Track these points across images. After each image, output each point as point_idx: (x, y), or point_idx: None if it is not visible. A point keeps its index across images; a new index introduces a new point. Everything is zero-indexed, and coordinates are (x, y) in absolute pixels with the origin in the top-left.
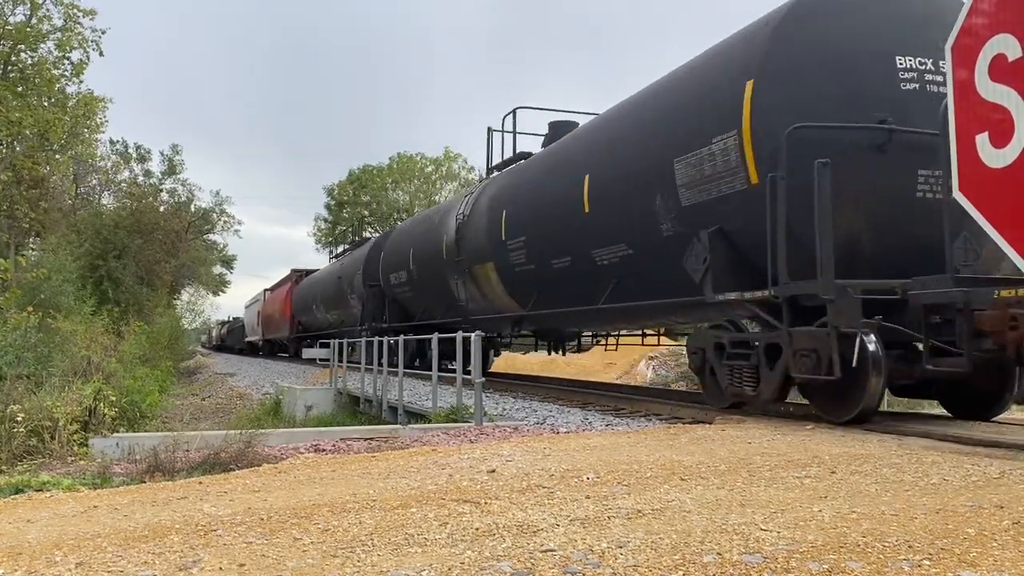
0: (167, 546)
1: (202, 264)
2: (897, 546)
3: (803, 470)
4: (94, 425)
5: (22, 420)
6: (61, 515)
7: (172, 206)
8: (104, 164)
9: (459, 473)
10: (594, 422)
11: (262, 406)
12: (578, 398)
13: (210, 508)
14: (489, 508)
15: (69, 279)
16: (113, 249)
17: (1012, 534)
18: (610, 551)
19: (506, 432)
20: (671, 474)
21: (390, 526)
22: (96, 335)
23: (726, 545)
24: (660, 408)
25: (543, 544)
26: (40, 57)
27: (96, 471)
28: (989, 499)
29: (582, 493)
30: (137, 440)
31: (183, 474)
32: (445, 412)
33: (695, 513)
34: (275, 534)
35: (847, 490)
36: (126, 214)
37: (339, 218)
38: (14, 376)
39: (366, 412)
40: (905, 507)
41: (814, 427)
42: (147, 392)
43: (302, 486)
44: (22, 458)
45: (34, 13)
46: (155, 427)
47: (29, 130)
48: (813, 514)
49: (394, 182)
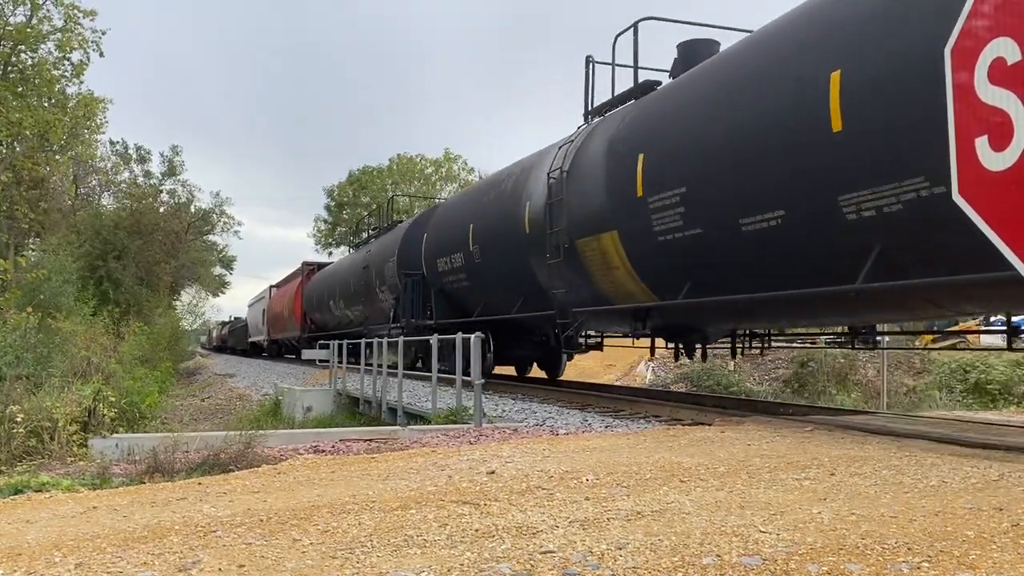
0: (166, 547)
1: (202, 265)
2: (896, 548)
3: (802, 472)
4: (93, 426)
5: (21, 420)
6: (60, 516)
7: (172, 207)
8: (104, 165)
9: (459, 474)
10: (593, 424)
11: (261, 407)
12: (577, 399)
13: (209, 509)
14: (488, 509)
15: (69, 280)
16: (113, 250)
17: (1011, 536)
18: (609, 553)
19: (505, 434)
20: (670, 476)
21: (389, 527)
22: (96, 336)
23: (725, 547)
24: (659, 410)
25: (542, 545)
26: (40, 58)
27: (95, 472)
28: (988, 501)
29: (581, 495)
30: (136, 441)
31: (182, 475)
32: (445, 413)
33: (694, 515)
34: (274, 535)
35: (846, 492)
36: (126, 215)
37: (339, 219)
38: (14, 376)
39: (365, 413)
40: (904, 509)
41: (813, 429)
42: (146, 393)
43: (301, 487)
44: (21, 458)
45: (34, 14)
46: (155, 428)
47: (29, 131)
48: (812, 516)
49: (394, 183)
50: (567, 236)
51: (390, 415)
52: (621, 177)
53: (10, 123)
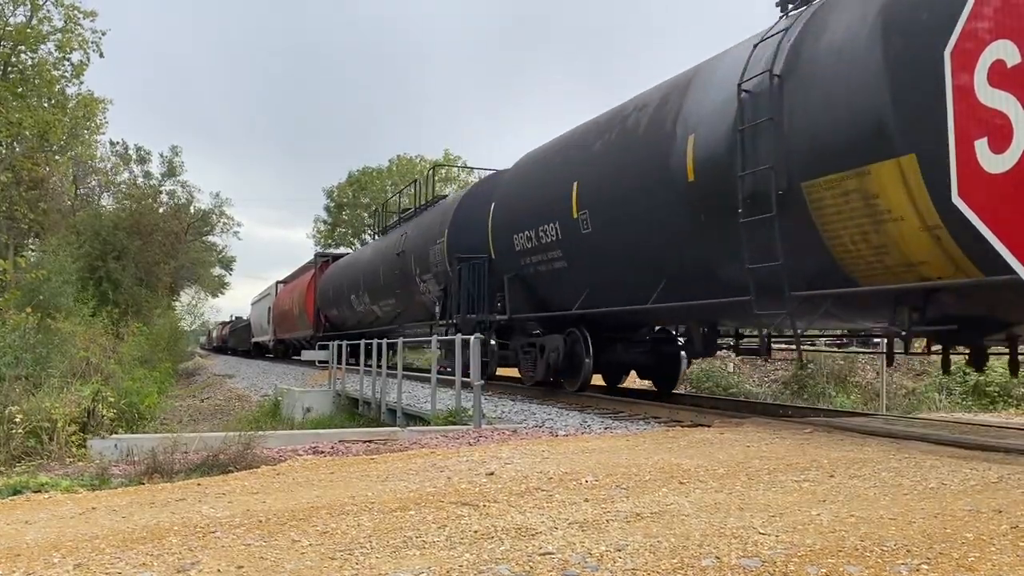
0: (165, 548)
1: (201, 266)
2: (895, 550)
3: (801, 474)
4: (92, 426)
5: (20, 421)
6: (59, 516)
7: (172, 207)
8: (104, 165)
9: (458, 476)
10: (592, 425)
11: (261, 408)
12: (576, 401)
13: (209, 510)
14: (488, 511)
15: (69, 280)
16: (112, 250)
17: (1010, 538)
18: (608, 554)
19: (505, 435)
20: (670, 477)
21: (389, 528)
22: (95, 336)
23: (724, 549)
24: (659, 411)
25: (542, 547)
26: (40, 58)
27: (94, 472)
28: (987, 503)
29: (581, 496)
30: (136, 441)
31: (182, 476)
32: (444, 415)
33: (694, 516)
34: (274, 536)
35: (845, 494)
36: (125, 215)
37: (338, 220)
38: (13, 377)
39: (365, 414)
40: (903, 511)
41: (812, 430)
42: (146, 394)
43: (300, 488)
44: (20, 459)
45: (34, 14)
46: (154, 428)
47: (29, 131)
48: (811, 518)
49: (394, 184)
50: (784, 177)
51: (389, 416)
52: (923, 65)
53: (10, 123)
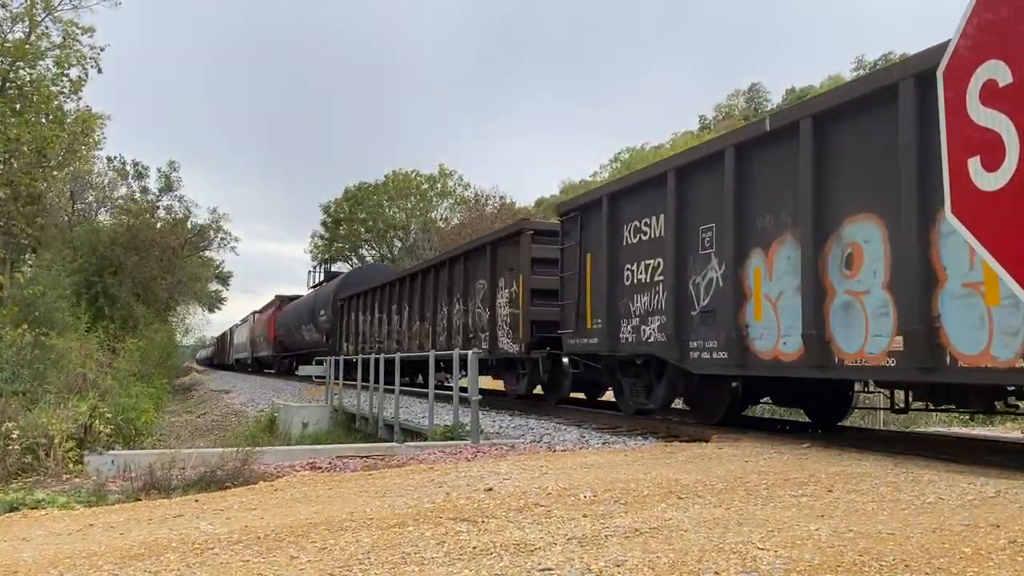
0: (164, 564)
1: (198, 281)
2: (894, 565)
3: (800, 489)
4: (89, 442)
5: (17, 437)
6: (57, 533)
7: (169, 223)
8: (101, 181)
9: (456, 491)
10: (591, 440)
11: (257, 423)
12: (574, 416)
13: (207, 526)
14: (486, 526)
15: (64, 295)
16: (109, 265)
17: (1008, 553)
18: (607, 570)
19: (503, 450)
20: (668, 492)
21: (387, 544)
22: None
23: (723, 564)
24: (657, 426)
25: (540, 563)
26: (38, 74)
27: (92, 488)
28: (985, 518)
29: (579, 511)
30: (133, 457)
31: (179, 492)
32: (442, 430)
33: (692, 532)
34: (272, 552)
35: (844, 509)
36: (122, 230)
37: (336, 235)
38: (9, 393)
39: (362, 429)
40: (901, 526)
41: (810, 445)
42: (142, 409)
43: (299, 504)
44: (17, 475)
45: (33, 30)
46: (151, 444)
47: (27, 147)
48: (810, 533)
49: (389, 199)
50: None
51: (387, 431)
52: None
53: (8, 139)
